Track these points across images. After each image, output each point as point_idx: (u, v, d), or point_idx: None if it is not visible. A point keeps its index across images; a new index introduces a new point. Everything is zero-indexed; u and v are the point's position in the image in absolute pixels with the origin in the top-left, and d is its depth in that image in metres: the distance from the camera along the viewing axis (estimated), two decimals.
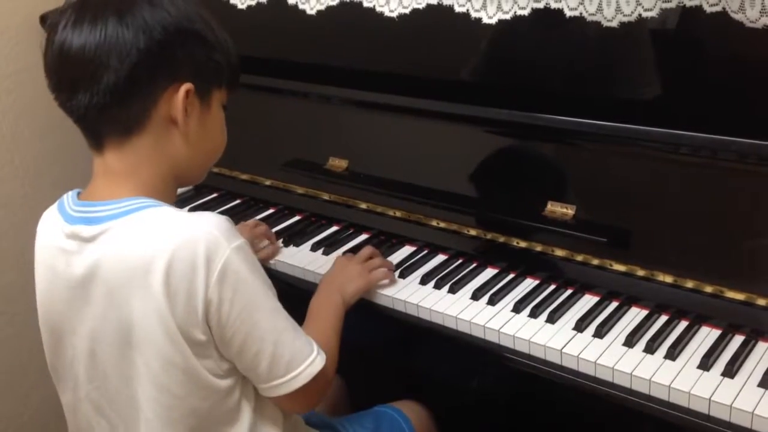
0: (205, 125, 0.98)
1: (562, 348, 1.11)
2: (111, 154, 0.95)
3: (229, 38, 1.00)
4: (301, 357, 0.97)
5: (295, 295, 1.38)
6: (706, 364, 1.04)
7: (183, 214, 0.94)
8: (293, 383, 0.97)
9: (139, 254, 0.90)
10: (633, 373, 1.05)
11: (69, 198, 0.99)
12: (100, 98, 0.90)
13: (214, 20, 0.98)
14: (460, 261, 1.35)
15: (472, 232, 1.35)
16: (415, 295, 1.26)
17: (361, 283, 1.24)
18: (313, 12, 1.50)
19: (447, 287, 1.27)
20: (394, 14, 1.38)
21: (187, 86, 0.94)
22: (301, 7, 1.51)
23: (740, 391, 1.00)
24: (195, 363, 0.93)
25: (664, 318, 1.15)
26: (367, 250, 1.32)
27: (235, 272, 0.91)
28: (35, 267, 1.02)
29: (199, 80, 0.96)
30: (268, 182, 1.63)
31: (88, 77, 0.90)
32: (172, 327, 0.90)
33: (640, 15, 1.14)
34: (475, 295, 1.24)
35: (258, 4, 1.58)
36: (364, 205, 1.48)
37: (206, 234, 0.90)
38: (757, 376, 1.02)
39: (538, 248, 1.28)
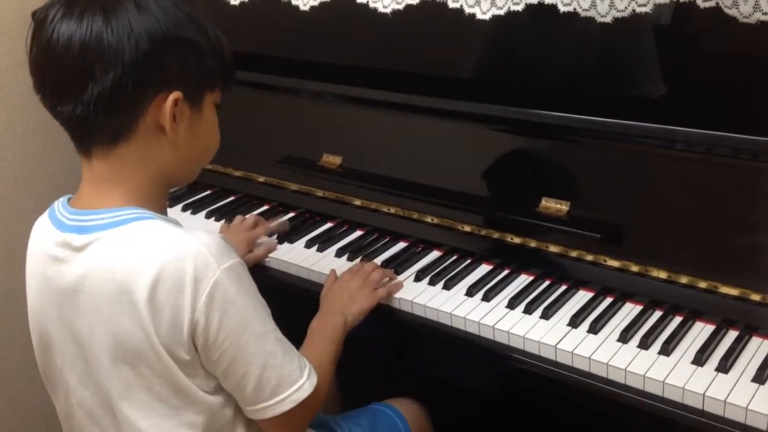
0: (195, 130, 0.96)
1: (557, 344, 1.11)
2: (98, 160, 0.93)
3: (223, 38, 0.97)
4: (289, 382, 0.95)
5: (289, 293, 1.38)
6: (700, 359, 1.05)
7: (173, 230, 0.91)
8: (278, 408, 0.95)
9: (126, 268, 0.89)
10: (627, 369, 1.05)
11: (60, 205, 0.97)
12: (84, 108, 0.88)
13: (206, 20, 0.95)
14: (454, 257, 1.35)
15: (467, 229, 1.35)
16: (409, 292, 1.26)
17: (364, 304, 1.20)
18: (306, 8, 1.49)
19: (442, 284, 1.27)
20: (388, 10, 1.37)
21: (175, 95, 0.90)
22: (294, 3, 1.51)
23: (734, 386, 1.00)
24: (184, 379, 0.92)
25: (658, 314, 1.15)
26: (370, 266, 1.28)
27: (223, 294, 0.89)
28: (27, 274, 1.00)
29: (190, 87, 0.93)
30: (261, 179, 1.63)
31: (72, 86, 0.88)
32: (156, 345, 0.89)
33: (633, 10, 1.14)
34: (470, 292, 1.24)
35: (250, 0, 1.57)
36: (358, 202, 1.48)
37: (195, 253, 0.88)
38: (751, 371, 1.02)
39: (533, 244, 1.28)
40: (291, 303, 1.39)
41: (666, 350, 1.07)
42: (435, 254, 1.37)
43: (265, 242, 1.42)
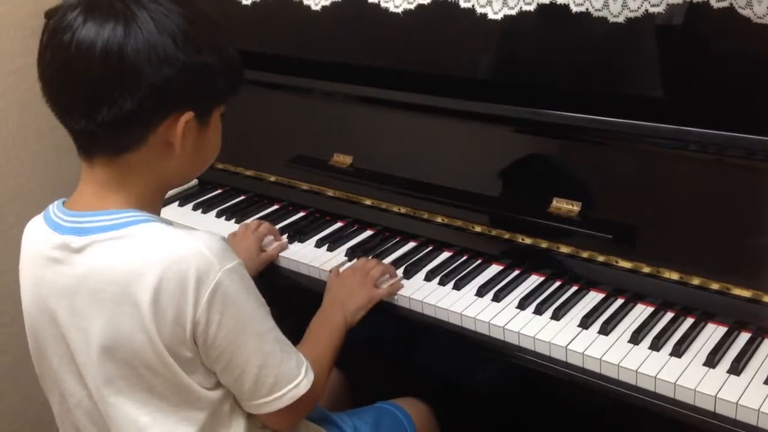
0: (201, 142, 0.96)
1: (568, 345, 1.10)
2: (101, 167, 0.93)
3: (236, 55, 0.96)
4: (286, 379, 0.97)
5: (298, 291, 1.38)
6: (712, 361, 1.04)
7: (175, 232, 0.92)
8: (275, 404, 0.97)
9: (128, 271, 0.89)
10: (638, 370, 1.04)
11: (55, 207, 0.97)
12: (95, 127, 0.88)
13: (219, 33, 0.94)
14: (464, 257, 1.34)
15: (477, 229, 1.35)
16: (420, 292, 1.26)
17: (363, 299, 1.22)
18: (317, 8, 1.49)
19: (452, 284, 1.27)
20: (399, 10, 1.38)
21: (187, 116, 0.90)
22: (305, 2, 1.51)
23: (746, 388, 0.99)
24: (185, 377, 0.93)
25: (669, 315, 1.15)
26: (371, 263, 1.29)
27: (224, 294, 0.90)
28: (21, 276, 1.00)
29: (201, 106, 0.93)
30: (272, 178, 1.63)
31: (86, 105, 0.87)
32: (159, 346, 0.90)
33: (646, 10, 1.14)
34: (480, 292, 1.24)
35: (262, 0, 1.58)
36: (368, 202, 1.48)
37: (198, 255, 0.89)
38: (764, 373, 1.02)
39: (544, 245, 1.28)
40: (301, 301, 1.39)
41: (677, 352, 1.06)
42: (445, 254, 1.36)
43: (275, 244, 1.43)
